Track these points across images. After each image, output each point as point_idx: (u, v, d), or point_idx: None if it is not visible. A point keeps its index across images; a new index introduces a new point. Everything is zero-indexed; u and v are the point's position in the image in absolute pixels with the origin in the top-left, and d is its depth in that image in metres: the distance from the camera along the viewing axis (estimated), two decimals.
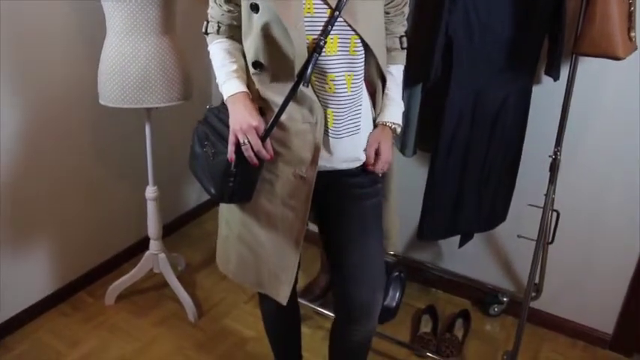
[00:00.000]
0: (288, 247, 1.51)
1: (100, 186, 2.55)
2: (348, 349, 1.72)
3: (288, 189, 1.46)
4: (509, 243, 2.42)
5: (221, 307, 2.54)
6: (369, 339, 1.69)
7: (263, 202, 1.49)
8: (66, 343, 2.29)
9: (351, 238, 1.55)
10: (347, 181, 1.53)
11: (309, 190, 1.45)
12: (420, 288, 2.69)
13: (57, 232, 2.41)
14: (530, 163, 2.12)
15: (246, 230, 1.55)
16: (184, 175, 3.00)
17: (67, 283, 2.52)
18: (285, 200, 1.47)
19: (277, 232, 1.51)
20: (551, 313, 2.46)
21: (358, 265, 1.55)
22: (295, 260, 1.53)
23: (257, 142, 1.38)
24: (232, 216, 1.58)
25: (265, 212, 1.50)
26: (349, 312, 1.60)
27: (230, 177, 1.40)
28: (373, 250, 1.56)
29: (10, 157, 2.14)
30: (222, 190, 1.43)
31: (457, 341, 2.30)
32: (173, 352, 2.27)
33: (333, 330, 1.75)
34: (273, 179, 1.47)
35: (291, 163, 1.44)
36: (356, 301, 1.57)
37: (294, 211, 1.47)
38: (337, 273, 1.59)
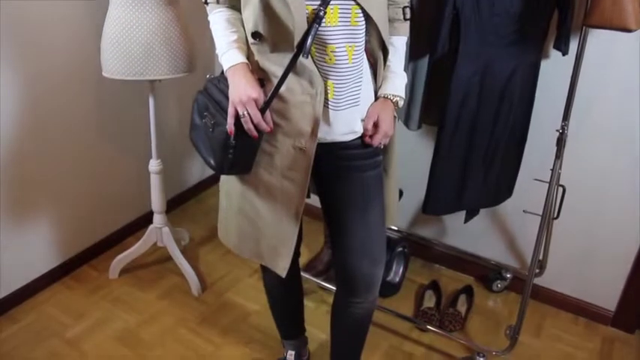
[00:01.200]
0: (287, 219, 1.51)
1: (103, 160, 2.54)
2: (350, 323, 1.72)
3: (287, 161, 1.45)
4: (514, 219, 2.42)
5: (224, 280, 2.55)
6: (370, 312, 1.70)
7: (262, 174, 1.49)
8: (71, 315, 2.30)
9: (351, 210, 1.54)
10: (347, 153, 1.52)
11: (308, 163, 1.44)
12: (424, 264, 2.70)
13: (61, 206, 2.41)
14: (537, 137, 2.11)
15: (246, 202, 1.55)
16: (187, 151, 3.00)
17: (72, 257, 2.53)
18: (284, 172, 1.47)
19: (277, 204, 1.50)
20: (553, 290, 2.46)
21: (359, 239, 1.55)
22: (294, 232, 1.52)
23: (257, 114, 1.36)
24: (232, 188, 1.58)
25: (265, 184, 1.50)
26: (350, 284, 1.61)
27: (229, 149, 1.39)
28: (374, 222, 1.56)
29: (13, 133, 2.13)
30: (222, 161, 1.42)
31: (460, 316, 2.30)
32: (176, 325, 2.28)
33: (334, 304, 1.75)
34: (273, 151, 1.46)
35: (290, 135, 1.43)
36: (357, 273, 1.57)
37: (293, 184, 1.47)
38: (338, 245, 1.59)
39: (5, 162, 2.14)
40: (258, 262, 1.77)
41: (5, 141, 2.11)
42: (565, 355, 2.23)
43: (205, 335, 2.24)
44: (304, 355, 2.06)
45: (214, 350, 2.18)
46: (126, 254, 2.49)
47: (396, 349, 2.22)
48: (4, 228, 2.21)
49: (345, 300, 1.66)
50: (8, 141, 2.12)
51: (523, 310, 2.03)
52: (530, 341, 2.28)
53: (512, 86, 1.89)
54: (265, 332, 2.26)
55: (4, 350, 2.12)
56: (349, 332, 1.76)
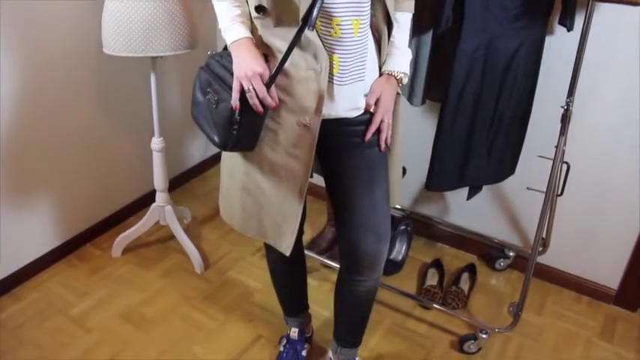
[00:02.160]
0: (291, 197, 1.50)
1: (105, 139, 2.53)
2: (354, 300, 1.72)
3: (291, 138, 1.44)
4: (518, 196, 2.41)
5: (227, 259, 2.55)
6: (374, 290, 1.70)
7: (266, 151, 1.47)
8: (74, 293, 2.31)
9: (356, 187, 1.53)
10: (351, 129, 1.50)
11: (313, 139, 1.43)
12: (427, 242, 2.70)
13: (63, 185, 2.41)
14: (541, 114, 2.10)
15: (250, 180, 1.54)
16: (189, 130, 2.99)
17: (74, 236, 2.53)
18: (288, 149, 1.45)
19: (281, 181, 1.49)
20: (556, 268, 2.46)
21: (364, 215, 1.54)
22: (299, 210, 1.51)
23: (262, 89, 1.35)
24: (235, 166, 1.57)
25: (269, 162, 1.49)
26: (355, 262, 1.60)
27: (234, 125, 1.37)
28: (379, 199, 1.55)
29: (14, 111, 2.12)
30: (226, 138, 1.40)
31: (463, 294, 2.30)
32: (179, 303, 2.29)
33: (338, 281, 1.75)
34: (277, 128, 1.44)
35: (294, 111, 1.41)
36: (362, 250, 1.56)
37: (298, 161, 1.45)
38: (343, 223, 1.59)
39: (7, 142, 2.13)
40: (261, 241, 1.77)
41: (6, 121, 2.10)
42: (567, 332, 2.24)
43: (208, 312, 2.25)
44: (308, 332, 2.07)
45: (217, 327, 2.18)
46: (128, 233, 2.49)
47: (399, 327, 2.22)
48: (7, 207, 2.21)
49: (349, 278, 1.65)
50: (9, 121, 2.11)
51: (526, 288, 2.03)
52: (532, 319, 2.29)
53: (516, 62, 1.87)
54: (268, 310, 2.26)
55: (10, 327, 2.13)
56: (353, 310, 1.76)
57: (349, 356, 1.89)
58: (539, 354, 2.13)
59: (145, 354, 2.06)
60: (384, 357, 2.09)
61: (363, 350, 2.08)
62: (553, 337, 2.22)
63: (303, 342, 2.02)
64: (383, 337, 2.17)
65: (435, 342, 2.17)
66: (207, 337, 2.14)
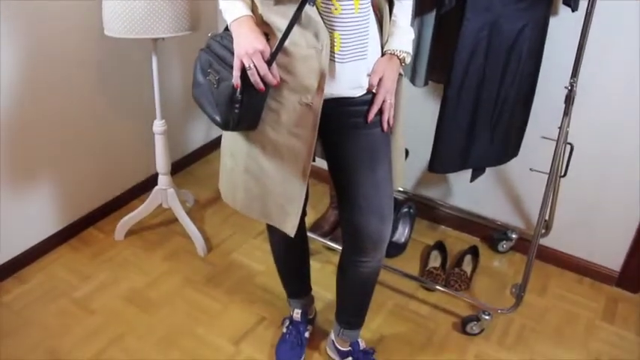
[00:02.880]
0: (294, 178, 1.50)
1: (107, 122, 2.53)
2: (357, 281, 1.73)
3: (294, 118, 1.43)
4: (521, 178, 2.41)
5: (230, 242, 2.55)
6: (377, 270, 1.70)
7: (269, 131, 1.47)
8: (78, 276, 2.32)
9: (359, 168, 1.53)
10: (353, 109, 1.50)
11: (315, 118, 1.42)
12: (429, 225, 2.70)
13: (66, 168, 2.41)
14: (545, 95, 2.09)
15: (253, 161, 1.53)
16: (191, 113, 2.98)
17: (77, 219, 2.54)
18: (291, 129, 1.45)
19: (283, 162, 1.49)
20: (558, 250, 2.47)
21: (367, 196, 1.54)
22: (302, 191, 1.51)
23: (263, 66, 1.34)
24: (237, 148, 1.56)
25: (271, 142, 1.48)
26: (358, 243, 1.60)
27: (235, 103, 1.36)
28: (381, 179, 1.54)
29: (15, 95, 2.11)
30: (228, 117, 1.39)
31: (465, 276, 2.31)
32: (182, 285, 2.30)
33: (341, 263, 1.76)
34: (279, 108, 1.43)
35: (296, 90, 1.40)
36: (365, 231, 1.56)
37: (300, 140, 1.45)
38: (346, 204, 1.58)
39: (9, 126, 2.13)
40: (265, 223, 1.77)
41: (7, 105, 2.10)
42: (569, 314, 2.25)
43: (212, 295, 2.26)
44: (310, 314, 2.08)
45: (221, 309, 2.19)
46: (131, 216, 2.49)
47: (401, 308, 2.23)
48: (10, 190, 2.21)
49: (352, 259, 1.66)
50: (9, 104, 2.11)
51: (528, 270, 2.03)
52: (535, 300, 2.30)
53: (520, 42, 1.86)
54: (271, 292, 2.27)
55: (15, 309, 2.14)
56: (356, 291, 1.77)
57: (352, 338, 1.90)
58: (541, 335, 2.14)
59: (149, 336, 2.07)
60: (386, 338, 2.10)
61: (366, 332, 2.09)
62: (555, 319, 2.22)
63: (306, 323, 2.03)
64: (385, 319, 2.18)
65: (438, 323, 2.18)
66: (210, 319, 2.15)
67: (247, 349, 2.04)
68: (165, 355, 2.00)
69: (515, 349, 2.08)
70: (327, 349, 2.00)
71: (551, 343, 2.12)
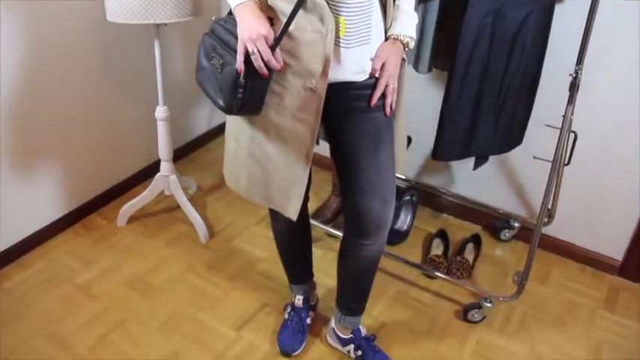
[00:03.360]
0: (298, 162, 1.50)
1: (109, 109, 2.52)
2: (358, 266, 1.73)
3: (297, 102, 1.43)
4: (524, 167, 2.40)
5: (232, 228, 2.56)
6: (379, 254, 1.71)
7: (272, 116, 1.46)
8: (80, 262, 2.33)
9: (362, 151, 1.53)
10: (357, 93, 1.50)
11: (319, 103, 1.42)
12: (432, 213, 2.70)
13: (68, 155, 2.40)
14: (549, 82, 2.07)
15: (256, 146, 1.53)
16: (194, 99, 2.98)
17: (80, 206, 2.54)
18: (295, 114, 1.45)
19: (287, 146, 1.49)
20: (561, 239, 2.46)
21: (371, 179, 1.54)
22: (305, 175, 1.51)
23: (267, 51, 1.33)
24: (241, 132, 1.56)
25: (275, 126, 1.48)
26: (361, 226, 1.61)
27: (239, 88, 1.36)
28: (385, 163, 1.55)
29: (17, 81, 2.11)
30: (231, 101, 1.39)
31: (467, 264, 2.31)
32: (184, 271, 2.30)
33: (342, 248, 1.76)
34: (283, 92, 1.43)
35: (300, 75, 1.40)
36: (368, 214, 1.57)
37: (304, 125, 1.45)
38: (349, 187, 1.59)
39: (11, 112, 2.12)
40: (268, 207, 1.78)
41: (9, 91, 2.09)
42: (571, 302, 2.25)
43: (213, 281, 2.26)
44: (312, 300, 2.08)
45: (222, 295, 2.20)
46: (133, 202, 2.49)
47: (403, 295, 2.24)
48: (13, 176, 2.21)
49: (355, 242, 1.66)
50: (12, 91, 2.10)
51: (531, 258, 2.03)
52: (536, 289, 2.30)
53: (525, 29, 1.84)
54: (273, 278, 2.27)
55: (17, 295, 2.15)
56: (357, 276, 1.77)
57: (353, 325, 1.91)
58: (542, 323, 2.15)
59: (151, 321, 2.07)
60: (388, 325, 2.10)
61: (367, 318, 2.09)
62: (557, 307, 2.22)
63: (308, 310, 2.03)
64: (387, 306, 2.18)
65: (439, 311, 2.18)
66: (212, 305, 2.15)
67: (249, 334, 2.04)
68: (167, 341, 2.00)
69: (516, 336, 2.09)
70: (328, 337, 2.00)
71: (552, 332, 2.12)
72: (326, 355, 1.98)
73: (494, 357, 2.00)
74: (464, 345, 2.04)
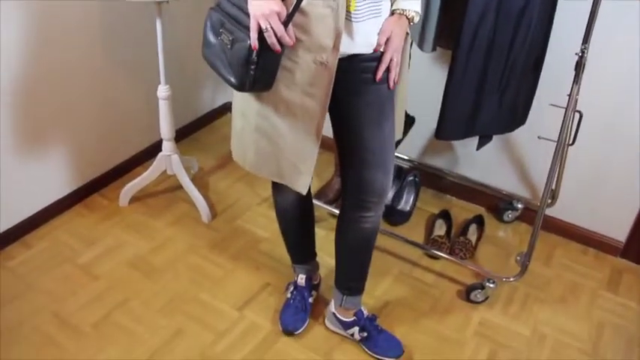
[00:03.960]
0: (308, 137, 1.50)
1: (111, 88, 2.50)
2: (358, 239, 1.74)
3: (308, 77, 1.42)
4: (528, 147, 2.39)
5: (234, 208, 2.55)
6: (377, 227, 1.73)
7: (282, 90, 1.46)
8: (83, 241, 2.32)
9: (367, 123, 1.54)
10: (365, 66, 1.49)
11: (330, 77, 1.42)
12: (435, 194, 2.69)
13: (70, 135, 2.39)
14: (555, 61, 2.05)
15: (265, 120, 1.53)
16: (197, 78, 2.96)
17: (81, 186, 2.53)
18: (305, 89, 1.44)
19: (297, 121, 1.49)
20: (564, 220, 2.46)
21: (374, 151, 1.56)
22: (315, 150, 1.51)
23: (280, 27, 1.33)
24: (249, 107, 1.55)
25: (284, 101, 1.47)
26: (363, 198, 1.63)
27: (251, 65, 1.36)
28: (387, 135, 1.57)
29: (18, 61, 2.09)
30: (244, 78, 1.38)
31: (470, 245, 2.30)
32: (187, 251, 2.30)
33: (341, 223, 1.76)
34: (293, 67, 1.43)
35: (311, 49, 1.39)
36: (371, 185, 1.60)
37: (314, 100, 1.45)
38: (352, 159, 1.60)
39: (12, 92, 2.10)
40: (272, 186, 1.80)
41: (10, 71, 2.07)
42: (573, 284, 2.25)
43: (216, 261, 2.26)
44: (315, 280, 2.08)
45: (224, 275, 2.20)
46: (136, 182, 2.48)
47: (406, 276, 2.23)
48: (14, 157, 2.20)
49: (355, 216, 1.68)
50: (13, 71, 2.08)
51: (534, 238, 2.02)
52: (539, 270, 2.29)
53: (531, 6, 1.82)
54: (276, 258, 2.27)
55: (19, 274, 2.15)
56: (358, 250, 1.79)
57: (355, 305, 1.91)
58: (545, 304, 2.15)
59: (153, 301, 2.07)
60: (390, 305, 2.10)
61: (370, 298, 2.09)
62: (559, 288, 2.22)
63: (311, 289, 2.03)
64: (390, 286, 2.18)
65: (442, 291, 2.18)
66: (214, 285, 2.15)
67: (251, 314, 2.04)
68: (169, 320, 2.00)
69: (518, 317, 2.09)
70: (327, 323, 2.00)
71: (554, 312, 2.12)
72: (328, 335, 1.98)
73: (497, 337, 2.01)
74: (466, 325, 2.04)
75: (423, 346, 1.96)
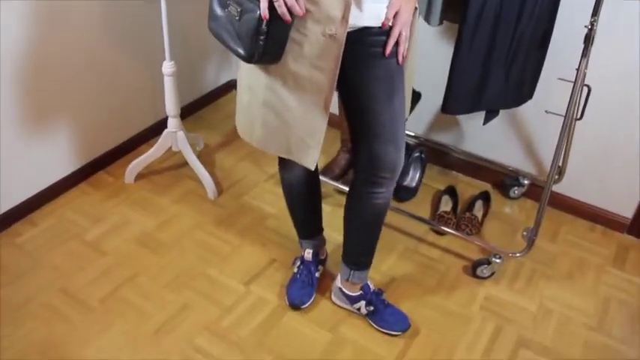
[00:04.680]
0: (316, 110, 1.49)
1: (115, 65, 2.49)
2: (369, 215, 1.73)
3: (317, 49, 1.41)
4: (535, 122, 2.37)
5: (240, 185, 2.55)
6: (388, 202, 1.72)
7: (291, 63, 1.45)
8: (89, 218, 2.33)
9: (377, 97, 1.52)
10: (375, 39, 1.47)
11: (339, 50, 1.40)
12: (441, 170, 2.68)
13: (75, 112, 2.39)
14: (563, 34, 2.03)
15: (273, 94, 1.52)
16: (201, 55, 2.94)
17: (87, 163, 2.53)
18: (313, 61, 1.43)
19: (305, 94, 1.47)
20: (571, 197, 2.45)
21: (385, 125, 1.54)
22: (324, 123, 1.50)
23: None
24: (256, 81, 1.54)
25: (293, 74, 1.46)
26: (376, 173, 1.61)
27: (261, 36, 1.35)
28: (398, 109, 1.55)
29: (23, 39, 2.08)
30: (253, 49, 1.38)
31: (476, 220, 2.30)
32: (193, 227, 2.31)
33: (351, 200, 1.75)
34: (302, 40, 1.41)
35: (320, 21, 1.38)
36: (384, 159, 1.58)
37: (323, 72, 1.43)
38: (364, 134, 1.58)
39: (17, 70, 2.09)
40: (278, 162, 1.79)
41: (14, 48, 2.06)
42: (580, 260, 2.25)
43: (222, 237, 2.27)
44: (322, 255, 2.09)
45: (231, 251, 2.20)
46: (141, 159, 2.48)
47: (412, 251, 2.24)
48: (20, 135, 2.20)
49: (367, 191, 1.66)
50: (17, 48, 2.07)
51: (541, 214, 2.02)
52: (545, 246, 2.29)
53: None
54: (282, 235, 2.28)
55: (26, 251, 2.16)
56: (368, 226, 1.78)
57: (362, 280, 1.91)
58: (551, 280, 2.15)
59: (160, 277, 2.08)
60: (396, 280, 2.11)
61: (376, 273, 2.10)
62: (566, 264, 2.22)
63: (317, 264, 2.04)
64: (396, 262, 2.19)
65: (448, 266, 2.18)
66: (221, 261, 2.16)
67: (258, 289, 2.05)
68: (176, 295, 2.01)
69: (524, 292, 2.09)
70: (333, 297, 2.00)
71: (560, 288, 2.12)
72: (334, 310, 1.99)
73: (503, 312, 2.01)
74: (472, 300, 2.05)
75: (429, 321, 1.97)
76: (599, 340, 1.94)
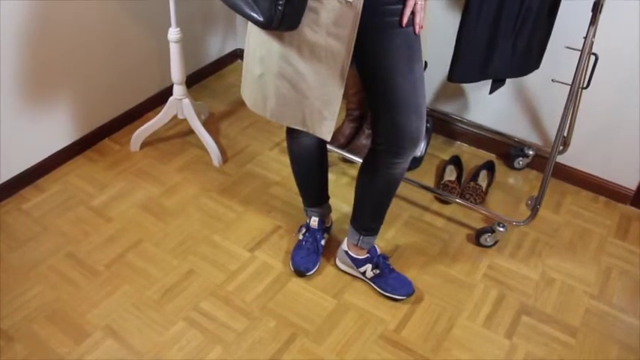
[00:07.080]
0: (332, 80, 1.47)
1: (121, 32, 2.48)
2: (386, 184, 1.74)
3: (333, 16, 1.39)
4: (541, 92, 2.36)
5: (245, 153, 2.56)
6: (404, 171, 1.71)
7: (306, 32, 1.43)
8: (95, 185, 2.34)
9: (397, 67, 1.50)
10: (390, 8, 1.45)
11: (355, 17, 1.38)
12: (445, 140, 2.68)
13: (81, 80, 2.38)
14: (572, 2, 2.01)
15: (287, 65, 1.50)
16: (206, 25, 2.92)
17: (93, 130, 2.53)
18: (329, 29, 1.41)
19: (321, 64, 1.46)
20: (575, 168, 2.45)
21: (406, 95, 1.52)
22: (340, 94, 1.49)
23: None
24: (270, 51, 1.52)
25: (308, 43, 1.44)
26: (397, 143, 1.59)
27: (280, 1, 1.32)
28: (418, 78, 1.53)
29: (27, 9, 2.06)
30: (272, 15, 1.34)
31: (481, 190, 2.31)
32: (198, 194, 2.32)
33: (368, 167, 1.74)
34: (319, 7, 1.39)
35: None
36: (407, 129, 1.56)
37: (339, 41, 1.42)
38: (385, 104, 1.56)
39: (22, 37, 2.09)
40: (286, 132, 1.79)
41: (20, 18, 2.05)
42: (583, 230, 2.26)
43: (227, 204, 2.28)
44: (328, 223, 2.10)
45: (236, 218, 2.22)
46: (147, 126, 2.48)
47: (416, 220, 2.25)
48: (26, 102, 2.20)
49: (388, 160, 1.65)
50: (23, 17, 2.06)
51: (545, 183, 2.02)
52: (549, 216, 2.30)
53: None
54: (287, 202, 2.29)
55: (34, 216, 2.18)
56: (383, 194, 1.78)
57: (370, 244, 1.93)
58: (554, 249, 2.16)
59: (166, 242, 2.10)
60: (400, 248, 2.12)
61: (380, 241, 2.12)
62: (568, 234, 2.23)
63: (323, 231, 2.05)
64: (400, 230, 2.20)
65: (452, 235, 2.19)
66: (226, 227, 2.18)
67: (262, 255, 2.07)
68: (181, 260, 2.03)
69: (527, 261, 2.10)
70: (338, 262, 2.02)
71: (563, 257, 2.13)
72: (338, 277, 2.01)
73: (506, 280, 2.03)
74: (476, 268, 2.06)
75: (432, 289, 1.98)
76: (600, 308, 1.96)
